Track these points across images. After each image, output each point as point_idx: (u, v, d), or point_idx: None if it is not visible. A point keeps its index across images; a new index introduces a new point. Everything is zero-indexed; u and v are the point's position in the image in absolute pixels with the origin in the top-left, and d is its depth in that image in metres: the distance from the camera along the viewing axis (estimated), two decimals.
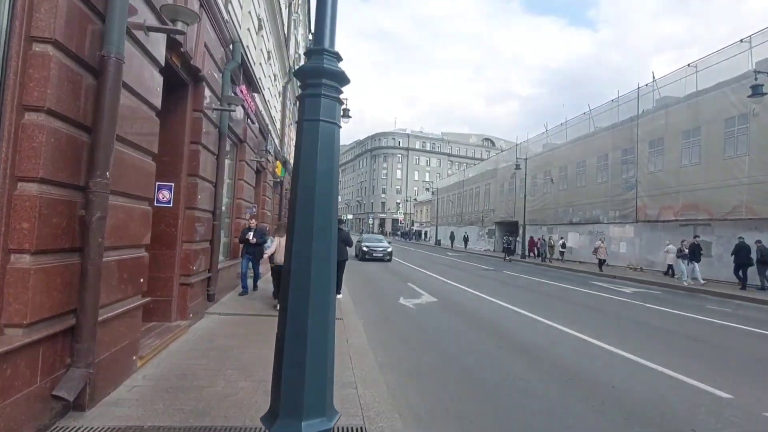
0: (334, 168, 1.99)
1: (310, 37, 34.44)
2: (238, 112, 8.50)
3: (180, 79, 5.48)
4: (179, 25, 3.94)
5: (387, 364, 5.33)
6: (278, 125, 18.61)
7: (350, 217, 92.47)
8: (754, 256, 14.04)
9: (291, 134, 26.05)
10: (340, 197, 31.93)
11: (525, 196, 28.42)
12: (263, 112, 12.65)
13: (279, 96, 18.94)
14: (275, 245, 8.22)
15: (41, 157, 2.71)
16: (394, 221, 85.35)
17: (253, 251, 8.94)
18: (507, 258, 27.63)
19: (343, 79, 2.01)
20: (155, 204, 5.67)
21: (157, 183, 5.69)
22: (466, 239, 39.37)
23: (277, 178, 17.35)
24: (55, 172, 2.84)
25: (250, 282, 9.50)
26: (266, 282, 11.10)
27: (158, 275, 5.70)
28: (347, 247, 9.59)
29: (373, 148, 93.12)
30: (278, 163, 17.15)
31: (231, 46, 7.29)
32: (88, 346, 3.11)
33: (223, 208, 7.72)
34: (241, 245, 9.14)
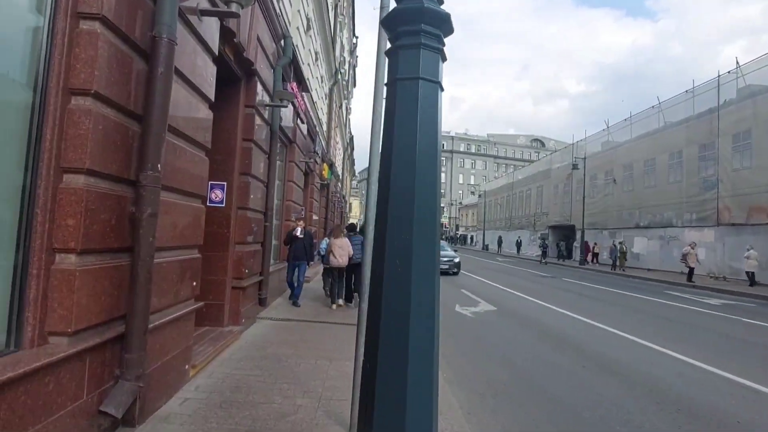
0: (438, 142, 1.52)
1: (354, 40, 34.68)
2: (288, 112, 8.30)
3: (232, 72, 5.27)
4: (233, 7, 3.66)
5: (455, 381, 4.79)
6: (324, 128, 18.56)
7: None
8: None
9: (336, 137, 26.09)
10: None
11: (584, 198, 26.60)
12: (311, 113, 12.51)
13: (325, 98, 18.92)
14: (331, 249, 8.31)
15: (88, 146, 2.44)
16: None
17: (303, 255, 8.05)
18: (543, 261, 27.15)
19: (448, 26, 1.53)
20: (208, 204, 5.49)
21: (210, 182, 5.52)
22: (518, 244, 37.48)
23: (324, 181, 17.27)
24: (102, 163, 2.57)
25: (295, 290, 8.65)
26: (317, 282, 10.92)
27: (210, 278, 5.50)
28: None
29: None
30: (325, 165, 17.06)
31: (282, 42, 7.08)
32: (138, 357, 2.83)
33: (274, 209, 7.50)
34: (287, 249, 8.33)
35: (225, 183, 5.53)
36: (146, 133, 2.85)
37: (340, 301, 8.46)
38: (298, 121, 9.77)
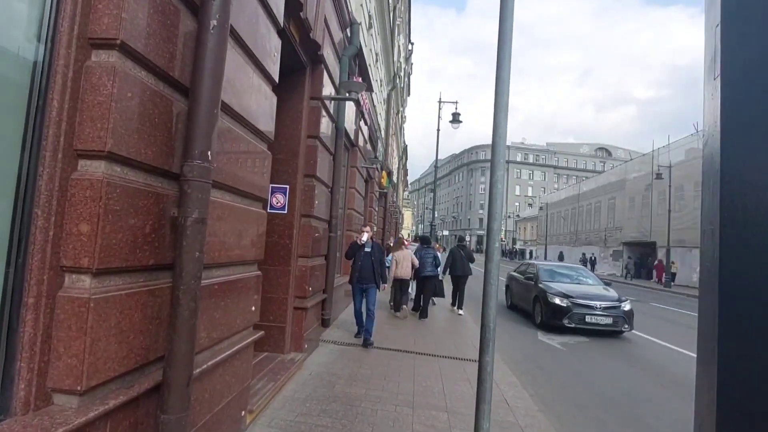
0: None
1: (410, 47, 34.21)
2: (350, 112, 7.57)
3: (297, 57, 4.57)
4: None
5: None
6: (382, 134, 17.90)
7: (446, 233, 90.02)
8: None
9: (393, 145, 25.42)
10: (435, 213, 28.85)
11: (669, 211, 23.43)
12: (373, 116, 11.84)
13: (384, 103, 18.30)
14: (395, 261, 8.38)
15: (110, 119, 1.71)
16: None
17: (371, 275, 6.14)
18: None
19: None
20: (269, 210, 4.80)
21: (271, 185, 4.83)
22: (592, 261, 33.54)
23: (383, 189, 16.54)
24: (132, 146, 1.83)
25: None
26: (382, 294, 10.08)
27: (271, 296, 4.78)
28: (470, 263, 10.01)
29: (470, 161, 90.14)
30: (384, 173, 16.35)
31: (348, 30, 6.38)
32: (178, 420, 2.04)
33: (338, 217, 6.74)
34: (351, 266, 6.50)
35: (287, 186, 4.81)
36: (194, 110, 2.10)
37: (399, 313, 8.78)
38: (362, 122, 9.06)
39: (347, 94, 5.60)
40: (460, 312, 9.72)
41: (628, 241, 31.38)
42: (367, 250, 6.18)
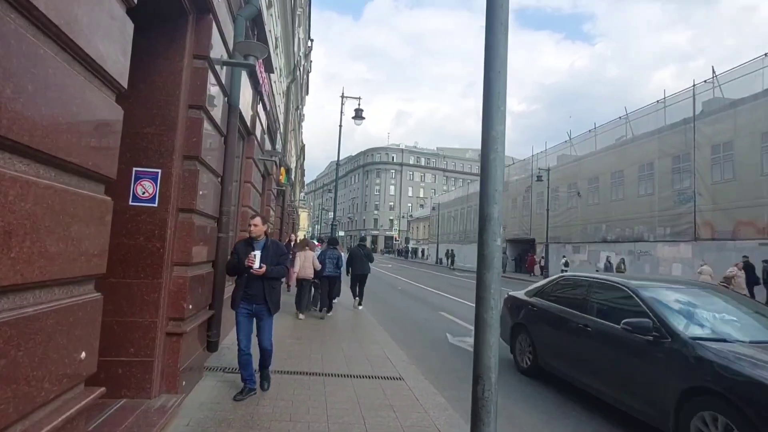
0: None
1: (309, 44, 32.96)
2: (247, 94, 6.34)
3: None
4: None
5: None
6: (282, 128, 16.46)
7: (342, 234, 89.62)
8: (760, 275, 13.60)
9: (291, 142, 23.84)
10: (331, 214, 29.31)
11: (548, 211, 26.02)
12: (272, 103, 10.53)
13: (283, 96, 16.84)
14: (299, 261, 8.27)
15: None
16: (388, 238, 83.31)
17: (260, 294, 4.04)
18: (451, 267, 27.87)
19: None
20: (131, 203, 3.48)
21: (135, 169, 3.53)
22: None
23: (281, 187, 15.13)
24: None
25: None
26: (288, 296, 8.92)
27: (132, 321, 3.45)
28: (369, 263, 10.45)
29: (366, 163, 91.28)
30: (282, 169, 14.98)
31: None
32: None
33: (230, 214, 5.48)
34: (236, 281, 4.25)
35: (159, 170, 3.53)
36: None
37: (301, 316, 8.52)
38: (260, 107, 7.80)
39: (244, 58, 4.43)
40: (360, 307, 10.07)
41: (512, 238, 34.22)
42: (257, 253, 3.97)
